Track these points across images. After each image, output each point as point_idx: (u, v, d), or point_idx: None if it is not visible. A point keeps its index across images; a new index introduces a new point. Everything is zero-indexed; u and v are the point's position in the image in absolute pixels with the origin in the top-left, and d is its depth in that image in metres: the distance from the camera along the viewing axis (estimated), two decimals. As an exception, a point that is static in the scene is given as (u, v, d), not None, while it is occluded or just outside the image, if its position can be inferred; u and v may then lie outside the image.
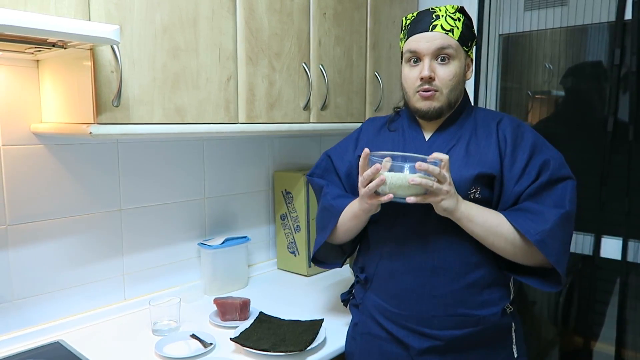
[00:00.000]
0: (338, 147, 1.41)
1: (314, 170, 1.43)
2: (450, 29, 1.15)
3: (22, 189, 1.33)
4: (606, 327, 1.85)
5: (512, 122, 1.20)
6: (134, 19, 1.18)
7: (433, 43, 1.14)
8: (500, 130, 1.19)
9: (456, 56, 1.16)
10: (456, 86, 1.17)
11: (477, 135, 1.20)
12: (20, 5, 1.00)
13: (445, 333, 1.15)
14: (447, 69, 1.15)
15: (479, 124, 1.22)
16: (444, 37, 1.14)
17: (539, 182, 1.13)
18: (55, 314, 1.42)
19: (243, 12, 1.41)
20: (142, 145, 1.58)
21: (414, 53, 1.17)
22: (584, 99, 1.86)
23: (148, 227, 1.61)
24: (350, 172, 1.34)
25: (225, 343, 1.34)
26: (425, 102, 1.17)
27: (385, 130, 1.32)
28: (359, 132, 1.39)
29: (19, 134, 1.32)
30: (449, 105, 1.18)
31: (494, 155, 1.16)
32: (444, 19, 1.15)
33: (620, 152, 1.72)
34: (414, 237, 1.17)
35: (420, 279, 1.16)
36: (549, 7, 1.88)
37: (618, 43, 1.70)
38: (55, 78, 1.27)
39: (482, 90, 2.03)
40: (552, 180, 1.13)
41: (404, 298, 1.18)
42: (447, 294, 1.15)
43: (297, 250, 1.94)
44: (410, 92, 1.20)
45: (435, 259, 1.15)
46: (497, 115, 1.24)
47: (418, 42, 1.16)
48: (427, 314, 1.16)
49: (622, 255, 1.74)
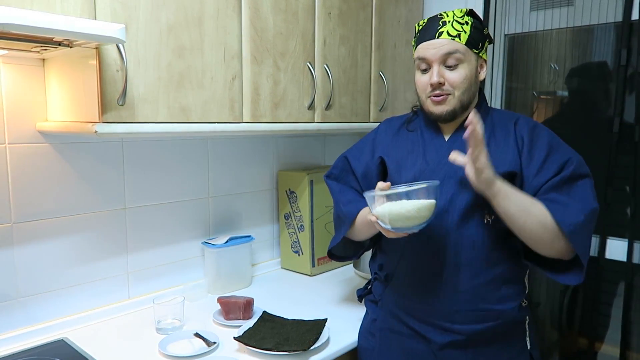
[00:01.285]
0: (355, 148, 1.43)
1: (331, 171, 1.45)
2: (456, 34, 1.16)
3: (28, 188, 1.34)
4: (611, 329, 1.84)
5: (529, 123, 1.22)
6: (140, 18, 1.18)
7: (440, 50, 1.16)
8: (517, 130, 1.20)
9: (465, 60, 1.17)
10: (468, 88, 1.18)
11: (496, 135, 1.21)
12: (27, 4, 1.00)
13: (467, 327, 1.17)
14: (456, 73, 1.17)
15: (496, 124, 1.23)
16: (450, 42, 1.16)
17: (562, 175, 1.14)
18: (60, 311, 1.43)
19: (248, 12, 1.41)
20: (147, 144, 1.58)
21: (422, 60, 1.20)
22: (590, 99, 1.85)
23: (152, 225, 1.62)
24: (367, 173, 1.36)
25: (229, 342, 1.34)
26: (438, 106, 1.20)
27: (404, 131, 1.33)
28: (375, 133, 1.40)
29: (25, 132, 1.32)
30: (461, 107, 1.20)
31: (513, 153, 1.17)
32: (450, 24, 1.17)
33: (626, 153, 1.71)
34: (435, 235, 1.18)
35: (443, 275, 1.18)
36: (555, 7, 1.87)
37: (624, 43, 1.69)
38: (61, 77, 1.27)
39: (487, 91, 2.03)
40: (575, 176, 1.14)
41: (426, 294, 1.20)
42: (469, 290, 1.17)
43: (300, 249, 1.94)
44: (423, 97, 1.23)
45: (458, 256, 1.17)
46: (513, 116, 1.25)
47: (426, 50, 1.18)
48: (450, 309, 1.18)
49: (628, 257, 1.73)
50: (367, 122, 1.87)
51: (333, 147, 2.25)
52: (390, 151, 1.31)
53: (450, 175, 1.18)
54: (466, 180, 1.12)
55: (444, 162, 1.19)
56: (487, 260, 1.17)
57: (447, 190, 1.17)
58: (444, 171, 1.19)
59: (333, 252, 1.43)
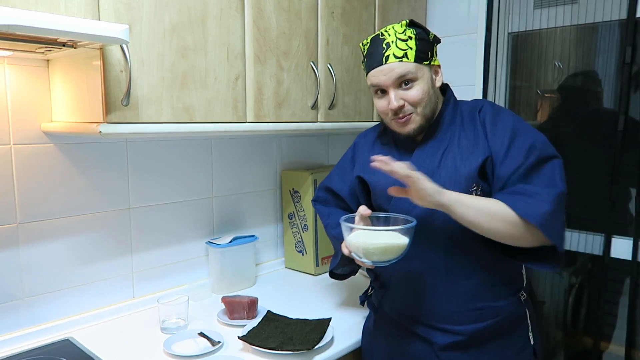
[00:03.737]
0: (337, 168, 1.44)
1: (317, 195, 1.48)
2: (402, 54, 1.14)
3: (33, 188, 1.34)
4: (616, 328, 1.83)
5: (492, 107, 1.21)
6: (143, 19, 1.18)
7: (390, 75, 1.15)
8: (480, 116, 1.19)
9: (418, 76, 1.15)
10: (428, 101, 1.18)
11: (465, 128, 1.20)
12: (31, 5, 1.00)
13: (467, 327, 1.17)
14: (413, 92, 1.15)
15: (465, 117, 1.22)
16: (399, 65, 1.14)
17: (527, 163, 1.11)
18: (65, 311, 1.43)
19: (251, 12, 1.42)
20: (150, 144, 1.59)
21: (377, 86, 1.19)
22: (594, 97, 1.84)
23: (157, 225, 1.62)
24: (353, 190, 1.37)
25: (233, 341, 1.34)
26: (403, 127, 1.19)
27: (379, 144, 1.33)
28: (353, 151, 1.41)
29: (30, 133, 1.33)
30: (427, 120, 1.19)
31: (483, 141, 1.16)
32: (394, 45, 1.15)
33: (630, 151, 1.71)
34: (426, 239, 1.18)
35: (437, 279, 1.18)
36: (559, 5, 1.86)
37: (629, 41, 1.68)
38: (65, 77, 1.28)
39: (491, 89, 2.02)
40: (540, 160, 1.12)
41: (422, 298, 1.20)
42: (466, 290, 1.17)
43: (304, 249, 1.95)
44: (387, 119, 1.22)
45: (451, 257, 1.17)
46: (478, 104, 1.23)
47: (377, 77, 1.17)
48: (448, 311, 1.18)
49: (633, 255, 1.72)
50: (371, 122, 1.87)
51: (336, 146, 2.25)
52: (367, 167, 1.26)
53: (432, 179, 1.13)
54: (448, 183, 1.12)
55: (420, 169, 1.11)
56: (481, 258, 1.17)
57: None
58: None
59: (335, 271, 1.42)
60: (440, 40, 1.25)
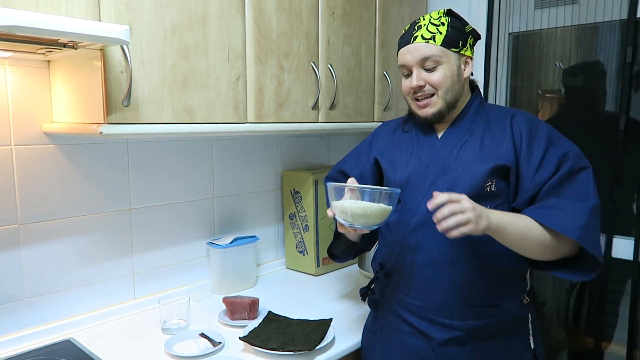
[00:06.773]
0: (354, 152, 1.46)
1: (330, 173, 1.50)
2: (431, 36, 1.17)
3: (34, 189, 1.34)
4: (618, 328, 1.83)
5: (527, 117, 1.22)
6: (144, 19, 1.18)
7: (415, 55, 1.18)
8: (514, 124, 1.20)
9: (443, 61, 1.18)
10: (451, 87, 1.19)
11: (491, 129, 1.22)
12: (32, 6, 1.01)
13: (466, 323, 1.17)
14: (435, 75, 1.18)
15: (492, 119, 1.24)
16: (425, 46, 1.18)
17: (560, 173, 1.13)
18: (66, 312, 1.43)
19: (252, 12, 1.42)
20: (151, 144, 1.59)
21: (403, 66, 1.23)
22: (595, 97, 1.84)
23: (158, 226, 1.62)
24: (364, 174, 1.38)
25: (234, 342, 1.34)
26: (423, 109, 1.22)
27: (400, 132, 1.35)
28: (373, 136, 1.43)
29: (31, 134, 1.33)
30: (448, 106, 1.21)
31: (508, 147, 1.17)
32: (425, 28, 1.18)
33: (631, 152, 1.70)
34: (431, 231, 1.18)
35: (441, 271, 1.18)
36: (560, 5, 1.86)
37: (630, 41, 1.68)
38: (66, 78, 1.28)
39: (491, 89, 2.02)
40: (573, 171, 1.14)
41: (424, 290, 1.20)
42: (467, 285, 1.17)
43: (305, 249, 1.95)
44: (408, 100, 1.26)
45: (454, 252, 1.17)
46: (510, 111, 1.25)
47: (404, 56, 1.22)
48: (448, 305, 1.18)
49: (634, 256, 1.72)
50: (372, 122, 1.87)
51: (337, 147, 2.25)
52: (386, 151, 1.34)
53: (444, 171, 1.19)
54: (464, 176, 1.14)
55: (437, 159, 1.21)
56: (485, 255, 1.17)
57: (442, 186, 1.18)
58: (438, 167, 1.20)
59: (332, 250, 1.44)
60: (479, 37, 1.27)
